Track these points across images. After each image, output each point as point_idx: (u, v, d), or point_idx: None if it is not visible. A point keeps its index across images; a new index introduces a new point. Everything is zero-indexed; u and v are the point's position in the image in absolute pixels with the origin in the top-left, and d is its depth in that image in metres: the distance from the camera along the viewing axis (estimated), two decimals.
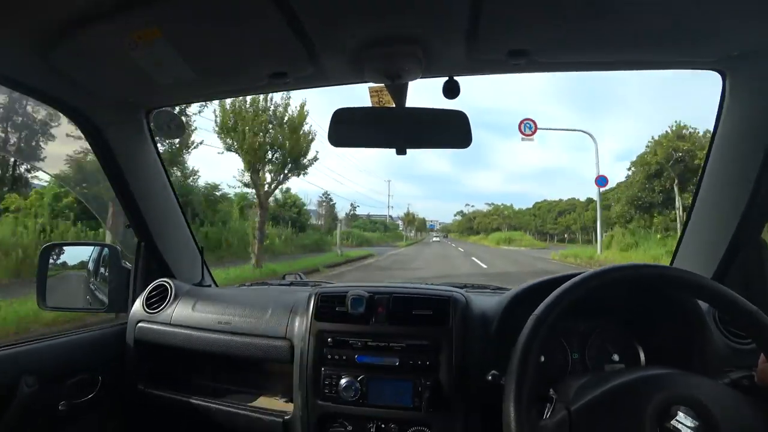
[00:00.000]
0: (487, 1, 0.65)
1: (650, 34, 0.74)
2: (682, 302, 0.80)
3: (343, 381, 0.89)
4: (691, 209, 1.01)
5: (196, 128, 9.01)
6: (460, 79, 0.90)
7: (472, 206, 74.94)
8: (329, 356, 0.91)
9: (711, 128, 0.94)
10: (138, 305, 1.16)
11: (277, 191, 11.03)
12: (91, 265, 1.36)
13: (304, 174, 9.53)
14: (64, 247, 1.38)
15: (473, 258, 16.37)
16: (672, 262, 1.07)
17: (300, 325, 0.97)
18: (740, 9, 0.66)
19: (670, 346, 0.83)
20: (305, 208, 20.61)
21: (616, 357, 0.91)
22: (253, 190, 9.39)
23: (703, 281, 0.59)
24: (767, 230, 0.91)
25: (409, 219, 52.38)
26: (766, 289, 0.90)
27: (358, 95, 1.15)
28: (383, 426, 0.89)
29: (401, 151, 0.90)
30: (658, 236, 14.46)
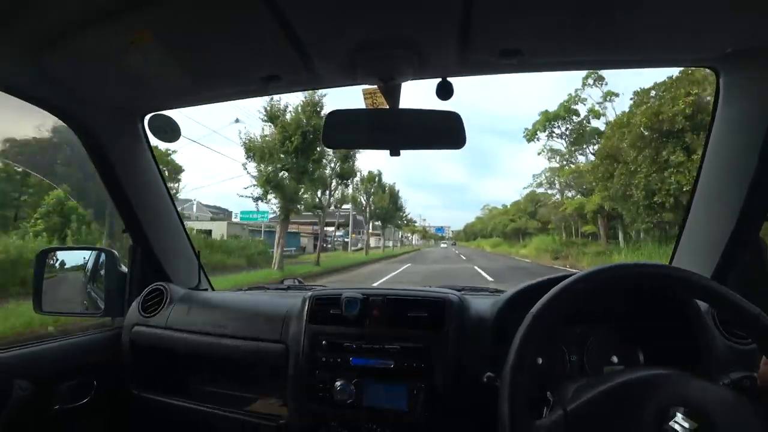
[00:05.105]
0: (479, 2, 0.65)
1: (644, 33, 0.74)
2: (681, 302, 0.79)
3: (337, 384, 0.88)
4: (689, 208, 1.00)
5: None
6: (457, 82, 0.89)
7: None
8: (323, 359, 0.90)
9: None
10: (134, 309, 1.16)
11: None
12: (88, 270, 1.36)
13: None
14: (62, 252, 1.38)
15: None
16: (671, 262, 1.06)
17: (295, 328, 0.96)
18: (733, 8, 0.66)
19: (669, 347, 0.82)
20: None
21: (614, 359, 0.89)
22: None
23: (706, 282, 0.57)
24: (765, 230, 0.90)
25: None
26: (766, 289, 0.88)
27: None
28: (378, 429, 0.87)
29: (395, 153, 0.90)
30: None
